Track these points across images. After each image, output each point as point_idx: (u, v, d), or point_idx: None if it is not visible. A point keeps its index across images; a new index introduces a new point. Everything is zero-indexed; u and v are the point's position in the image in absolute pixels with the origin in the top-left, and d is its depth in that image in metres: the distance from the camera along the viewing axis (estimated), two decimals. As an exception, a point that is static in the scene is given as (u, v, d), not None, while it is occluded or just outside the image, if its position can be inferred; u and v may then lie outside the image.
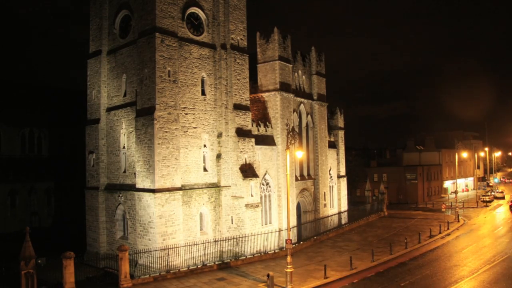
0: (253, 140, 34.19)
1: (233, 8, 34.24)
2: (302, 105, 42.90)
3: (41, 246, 27.17)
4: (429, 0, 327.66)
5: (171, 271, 27.14)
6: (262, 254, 32.29)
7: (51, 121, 51.40)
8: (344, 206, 50.08)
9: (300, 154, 31.27)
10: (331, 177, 47.61)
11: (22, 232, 23.16)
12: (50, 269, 25.15)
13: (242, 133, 33.39)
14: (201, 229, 31.98)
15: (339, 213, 47.93)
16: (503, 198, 73.62)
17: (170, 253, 27.60)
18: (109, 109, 33.99)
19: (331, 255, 33.32)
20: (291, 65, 40.45)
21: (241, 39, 34.71)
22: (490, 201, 66.83)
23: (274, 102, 38.19)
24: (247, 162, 33.38)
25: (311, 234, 39.98)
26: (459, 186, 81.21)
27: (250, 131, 34.30)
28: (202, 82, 32.76)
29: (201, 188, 31.98)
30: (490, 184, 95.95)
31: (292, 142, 28.03)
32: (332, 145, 49.11)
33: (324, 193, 45.13)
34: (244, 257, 31.16)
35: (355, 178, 66.14)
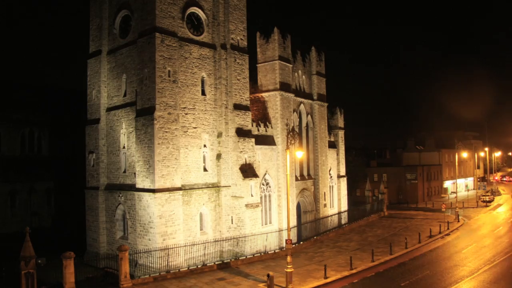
0: (253, 140, 34.18)
1: (233, 8, 34.24)
2: (302, 105, 42.90)
3: (41, 246, 27.17)
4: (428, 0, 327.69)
5: (171, 271, 27.13)
6: (262, 254, 32.28)
7: (51, 121, 51.37)
8: (344, 206, 50.08)
9: (300, 154, 31.26)
10: (331, 177, 47.61)
11: (22, 232, 23.14)
12: (50, 269, 25.14)
13: (242, 133, 33.38)
14: (201, 229, 31.97)
15: (339, 213, 47.93)
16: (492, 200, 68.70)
17: (170, 253, 27.60)
18: (109, 109, 33.99)
19: (331, 255, 33.31)
20: (291, 65, 40.46)
21: (241, 39, 34.71)
22: (490, 201, 66.77)
23: (274, 102, 38.19)
24: (247, 162, 33.37)
25: (311, 234, 39.98)
26: (459, 186, 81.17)
27: (250, 131, 34.29)
28: (202, 82, 32.76)
29: (201, 188, 31.97)
30: (492, 180, 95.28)
31: (292, 142, 28.03)
32: (332, 145, 49.11)
33: (324, 193, 45.12)
34: (244, 257, 31.16)
35: (355, 178, 66.12)
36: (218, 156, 33.41)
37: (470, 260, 30.68)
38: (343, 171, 51.12)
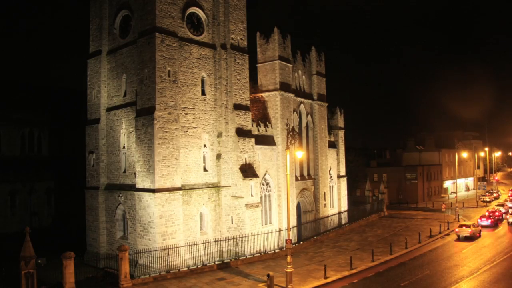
0: (253, 140, 34.18)
1: (233, 8, 34.23)
2: (302, 105, 42.89)
3: (41, 246, 27.17)
4: (428, 0, 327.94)
5: (171, 271, 27.14)
6: (262, 254, 32.28)
7: (51, 121, 51.37)
8: (344, 206, 50.08)
9: (300, 154, 31.26)
10: (331, 177, 47.60)
11: (22, 232, 23.16)
12: (50, 269, 25.14)
13: (242, 133, 33.38)
14: (201, 229, 31.97)
15: (339, 213, 47.93)
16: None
17: (170, 253, 27.61)
18: (109, 109, 33.98)
19: (331, 255, 33.32)
20: (291, 65, 40.45)
21: (241, 39, 34.70)
22: (490, 201, 66.75)
23: (274, 102, 38.19)
24: (247, 162, 33.37)
25: (311, 234, 39.97)
26: (459, 186, 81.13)
27: (250, 131, 34.29)
28: (202, 82, 32.76)
29: (201, 188, 31.97)
30: (492, 180, 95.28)
31: (292, 142, 28.05)
32: (332, 145, 49.10)
33: (324, 193, 45.12)
34: (244, 257, 31.16)
35: (355, 178, 66.11)
36: (218, 156, 33.40)
37: (470, 260, 30.70)
38: (343, 171, 51.11)
